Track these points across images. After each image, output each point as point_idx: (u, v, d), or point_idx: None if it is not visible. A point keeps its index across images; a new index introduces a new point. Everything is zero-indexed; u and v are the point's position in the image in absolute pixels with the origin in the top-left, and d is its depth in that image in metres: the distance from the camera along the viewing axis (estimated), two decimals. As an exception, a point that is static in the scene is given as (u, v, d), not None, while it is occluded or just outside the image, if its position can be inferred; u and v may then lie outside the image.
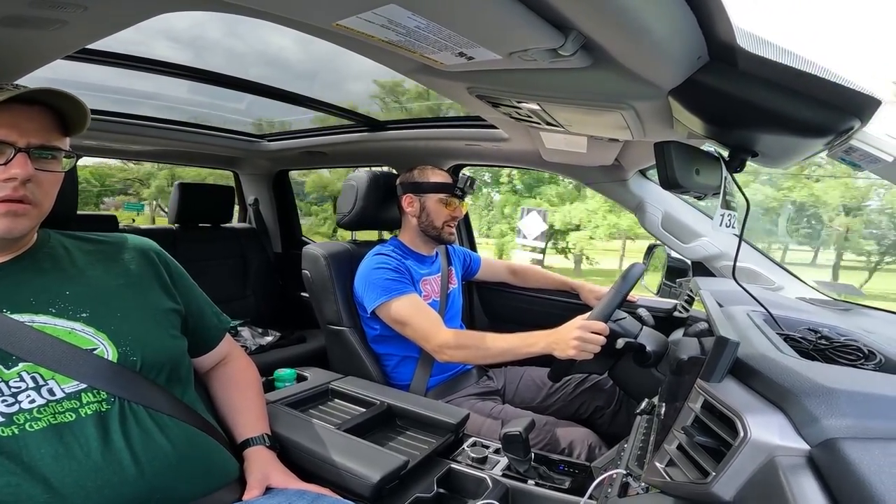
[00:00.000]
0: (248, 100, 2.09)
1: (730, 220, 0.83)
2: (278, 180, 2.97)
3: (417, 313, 1.39)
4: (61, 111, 0.72)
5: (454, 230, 1.60)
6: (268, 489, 0.82)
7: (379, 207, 1.70)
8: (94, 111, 0.74)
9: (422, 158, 1.98)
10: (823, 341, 0.72)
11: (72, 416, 0.67)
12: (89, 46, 0.89)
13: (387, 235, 1.82)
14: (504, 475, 1.05)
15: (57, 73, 1.15)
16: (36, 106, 0.70)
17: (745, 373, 0.60)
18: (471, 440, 1.18)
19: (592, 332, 1.14)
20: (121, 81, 1.80)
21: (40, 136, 0.70)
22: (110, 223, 2.23)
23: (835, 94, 0.72)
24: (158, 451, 0.72)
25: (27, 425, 0.64)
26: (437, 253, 1.69)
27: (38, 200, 0.71)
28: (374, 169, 1.78)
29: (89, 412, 0.68)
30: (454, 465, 1.05)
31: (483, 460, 1.08)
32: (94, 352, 0.72)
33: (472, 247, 2.34)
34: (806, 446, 0.45)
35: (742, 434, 0.48)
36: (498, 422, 1.34)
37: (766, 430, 0.48)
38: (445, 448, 1.12)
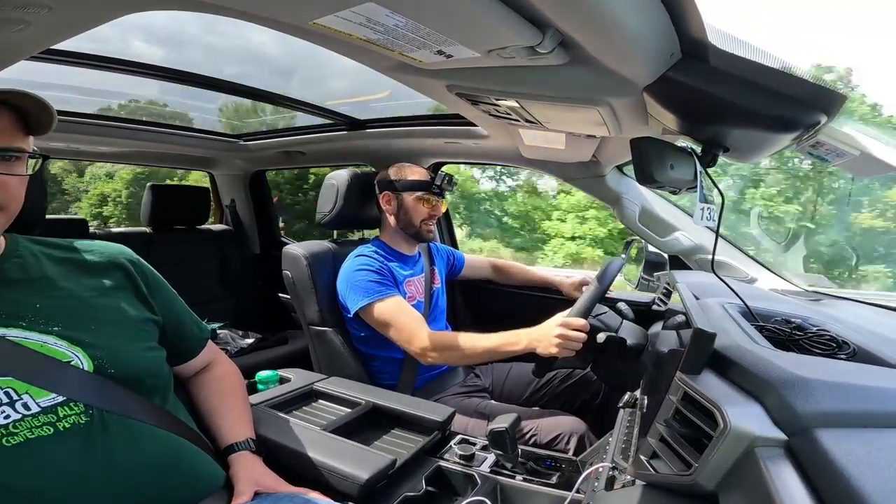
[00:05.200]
0: (223, 99, 2.05)
1: (709, 213, 0.85)
2: (255, 181, 2.93)
3: (400, 316, 1.39)
4: (23, 110, 0.69)
5: (434, 228, 1.60)
6: (256, 494, 0.81)
7: (359, 206, 1.69)
8: (61, 112, 0.71)
9: (402, 157, 1.97)
10: (797, 332, 0.74)
11: (49, 430, 0.65)
12: (55, 46, 0.86)
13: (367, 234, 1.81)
14: (492, 471, 1.05)
15: (23, 73, 1.11)
16: None
17: (722, 364, 0.61)
18: (458, 437, 1.19)
19: (573, 329, 1.15)
20: (90, 80, 1.75)
21: (1, 137, 0.67)
22: (80, 227, 2.16)
23: (801, 89, 0.74)
24: (141, 462, 0.70)
25: (3, 440, 0.62)
26: (419, 253, 1.69)
27: (5, 204, 0.68)
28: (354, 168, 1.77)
29: (67, 425, 0.66)
30: (442, 463, 1.05)
31: (471, 457, 1.09)
32: (70, 364, 0.70)
33: (454, 244, 2.35)
34: (784, 436, 0.47)
35: (722, 425, 0.49)
36: (484, 419, 1.35)
37: (744, 420, 0.49)
38: (433, 446, 1.12)
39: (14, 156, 0.68)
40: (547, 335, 1.17)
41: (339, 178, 1.67)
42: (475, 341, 1.31)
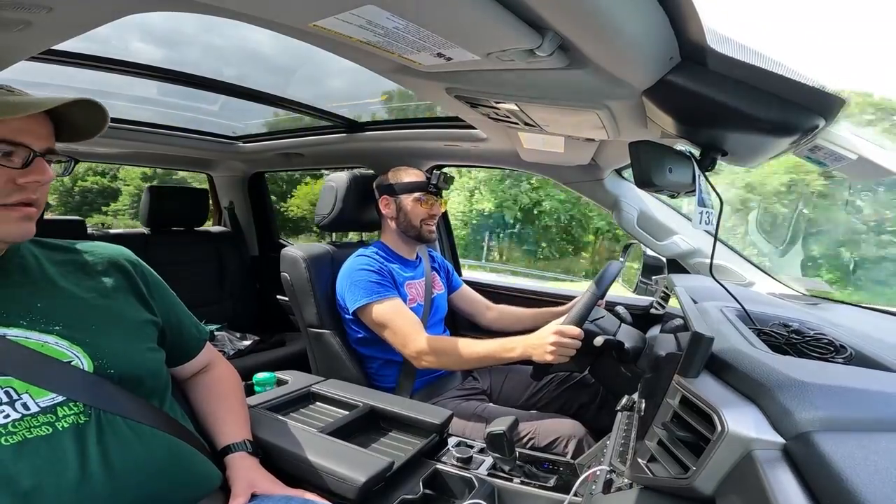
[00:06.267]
0: (222, 100, 2.05)
1: (708, 217, 0.85)
2: (254, 182, 2.93)
3: (398, 318, 1.39)
4: (58, 116, 0.72)
5: (434, 228, 1.60)
6: (253, 496, 0.81)
7: (358, 209, 1.69)
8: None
9: (401, 159, 1.97)
10: (795, 335, 0.74)
11: (48, 430, 0.65)
12: (55, 47, 0.86)
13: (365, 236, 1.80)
14: (490, 474, 1.05)
15: (23, 73, 1.11)
16: (41, 112, 0.69)
17: (720, 368, 0.61)
18: (455, 440, 1.18)
19: (568, 337, 1.15)
20: (88, 79, 1.74)
21: (48, 140, 0.71)
22: (78, 228, 2.16)
23: (800, 93, 0.74)
24: (139, 463, 0.70)
25: (2, 440, 0.62)
26: (419, 258, 1.69)
27: (40, 204, 0.71)
28: (353, 170, 1.77)
29: (66, 425, 0.66)
30: (440, 466, 1.05)
31: (468, 460, 1.09)
32: (70, 364, 0.70)
33: (453, 251, 2.35)
34: (781, 439, 0.47)
35: (719, 429, 0.49)
36: (482, 421, 1.35)
37: (742, 424, 0.49)
38: (430, 449, 1.12)
39: (51, 159, 0.71)
40: (542, 342, 1.18)
41: (338, 180, 1.67)
42: (471, 347, 1.31)
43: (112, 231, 2.51)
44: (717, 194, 0.89)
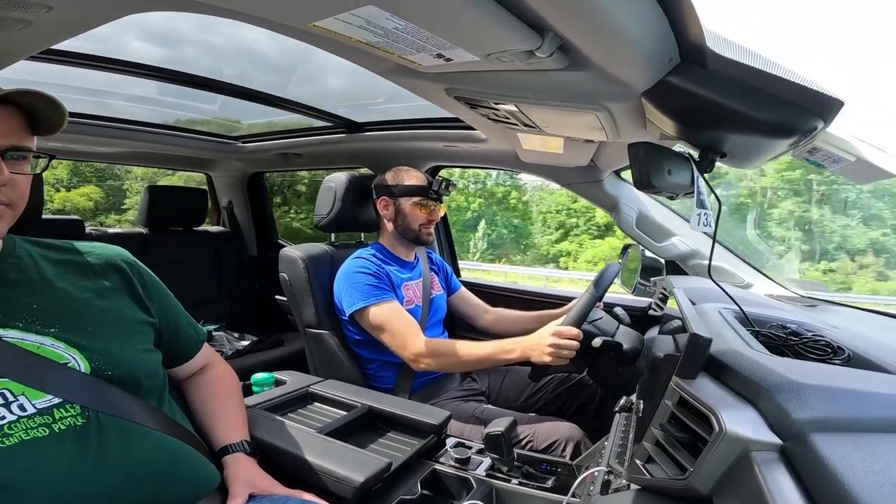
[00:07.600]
0: (221, 100, 2.05)
1: (706, 219, 0.85)
2: (253, 182, 2.93)
3: (395, 321, 1.38)
4: (32, 111, 0.69)
5: (432, 231, 1.60)
6: (251, 496, 0.81)
7: (357, 209, 1.69)
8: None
9: (400, 160, 1.97)
10: (793, 337, 0.74)
11: (45, 432, 0.65)
12: (55, 46, 0.86)
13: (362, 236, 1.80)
14: (488, 475, 1.05)
15: (23, 73, 1.11)
16: (6, 106, 0.67)
17: (718, 369, 0.61)
18: (454, 441, 1.18)
19: (566, 338, 1.15)
20: (90, 80, 1.75)
21: (11, 136, 0.67)
22: (76, 228, 2.16)
23: (799, 95, 0.74)
24: (137, 463, 0.70)
25: None
26: (417, 259, 1.68)
27: (14, 202, 0.68)
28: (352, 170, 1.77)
29: (63, 427, 0.66)
30: (438, 467, 1.05)
31: (466, 461, 1.09)
32: (67, 365, 0.69)
33: (452, 253, 2.35)
34: (778, 440, 0.47)
35: (717, 429, 0.49)
36: (481, 423, 1.34)
37: (739, 425, 0.49)
38: (429, 449, 1.12)
39: (21, 155, 0.69)
40: (540, 344, 1.18)
41: (336, 180, 1.67)
42: (469, 349, 1.30)
43: (110, 231, 2.51)
44: (716, 196, 0.89)
